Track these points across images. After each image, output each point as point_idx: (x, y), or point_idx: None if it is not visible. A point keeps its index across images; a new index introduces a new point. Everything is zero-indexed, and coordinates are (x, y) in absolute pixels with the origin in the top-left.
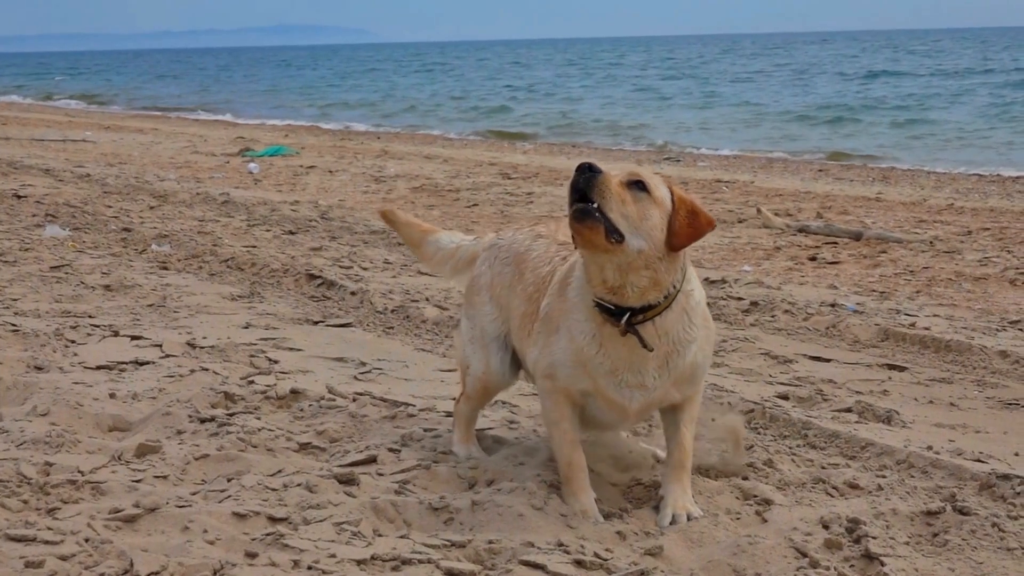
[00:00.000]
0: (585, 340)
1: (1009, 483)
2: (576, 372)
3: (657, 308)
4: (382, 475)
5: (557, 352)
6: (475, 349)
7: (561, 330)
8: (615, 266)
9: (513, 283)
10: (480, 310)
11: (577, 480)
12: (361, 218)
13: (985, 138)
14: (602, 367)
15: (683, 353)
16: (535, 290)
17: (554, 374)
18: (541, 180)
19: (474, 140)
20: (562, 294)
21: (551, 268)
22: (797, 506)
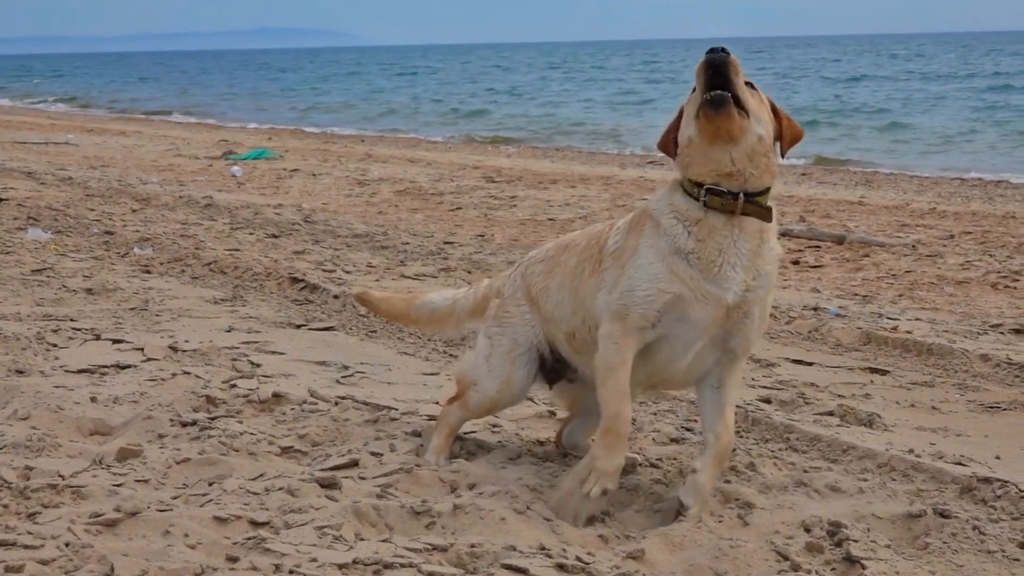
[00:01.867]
0: (680, 236)
1: (990, 486)
2: (662, 284)
3: (761, 199)
4: (364, 479)
5: (636, 274)
6: (493, 366)
7: (641, 249)
8: (740, 151)
9: (556, 258)
10: (512, 321)
11: (618, 434)
12: (344, 221)
13: (969, 142)
14: (698, 260)
15: (767, 257)
16: (585, 246)
17: (627, 307)
18: (525, 184)
19: (458, 143)
20: (637, 223)
21: (600, 231)
22: (779, 509)
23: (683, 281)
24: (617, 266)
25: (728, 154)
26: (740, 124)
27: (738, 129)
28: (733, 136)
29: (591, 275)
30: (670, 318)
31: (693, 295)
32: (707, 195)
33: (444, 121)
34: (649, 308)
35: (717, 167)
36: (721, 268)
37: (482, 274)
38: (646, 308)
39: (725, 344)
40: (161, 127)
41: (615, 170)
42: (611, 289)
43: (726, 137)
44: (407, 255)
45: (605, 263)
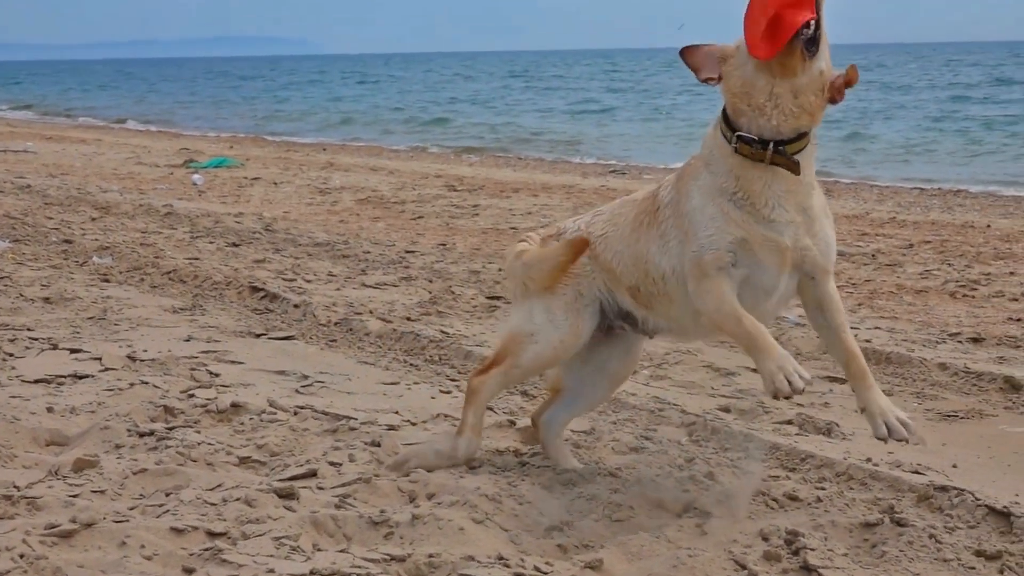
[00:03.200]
0: (721, 176)
1: (947, 495)
2: (719, 223)
3: (801, 142)
4: (322, 489)
5: (696, 220)
6: (555, 317)
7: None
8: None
9: (619, 213)
10: (574, 272)
11: (768, 343)
12: (305, 230)
13: (929, 152)
14: (743, 202)
15: (811, 195)
16: (643, 198)
17: (699, 254)
18: (487, 192)
19: (420, 152)
20: (686, 168)
21: (653, 188)
22: (736, 518)
23: (738, 224)
24: (676, 216)
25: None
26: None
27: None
28: (796, 64)
29: (649, 226)
30: (745, 260)
31: (754, 239)
32: (737, 141)
33: (406, 130)
34: (719, 247)
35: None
36: (766, 209)
37: (443, 283)
38: (717, 247)
39: (803, 272)
40: (121, 135)
41: (577, 179)
42: (678, 245)
43: (791, 62)
44: (368, 264)
45: (662, 213)
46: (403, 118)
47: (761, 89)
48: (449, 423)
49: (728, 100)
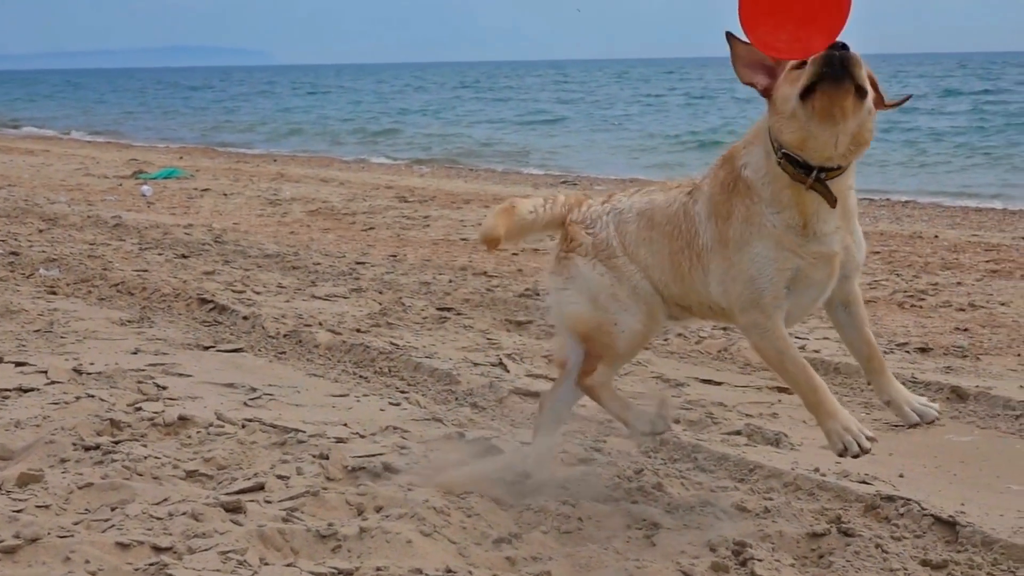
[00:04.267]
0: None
1: (893, 504)
2: (779, 263)
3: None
4: (270, 502)
5: (752, 262)
6: (626, 304)
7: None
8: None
9: (648, 235)
10: (624, 271)
11: (830, 401)
12: (255, 241)
13: (880, 163)
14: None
15: (850, 195)
16: (672, 227)
17: (757, 296)
18: (438, 203)
19: (371, 163)
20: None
21: (679, 206)
22: (685, 529)
23: (793, 251)
24: (720, 244)
25: (833, 135)
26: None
27: (850, 105)
28: (847, 110)
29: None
30: (799, 284)
31: (808, 262)
32: (782, 158)
33: (356, 140)
34: (778, 289)
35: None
36: (819, 224)
37: (394, 294)
38: (775, 290)
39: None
40: (70, 146)
41: (528, 190)
42: (731, 281)
43: (840, 112)
44: (318, 275)
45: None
46: (353, 129)
47: (818, 133)
48: (398, 435)
49: (777, 122)
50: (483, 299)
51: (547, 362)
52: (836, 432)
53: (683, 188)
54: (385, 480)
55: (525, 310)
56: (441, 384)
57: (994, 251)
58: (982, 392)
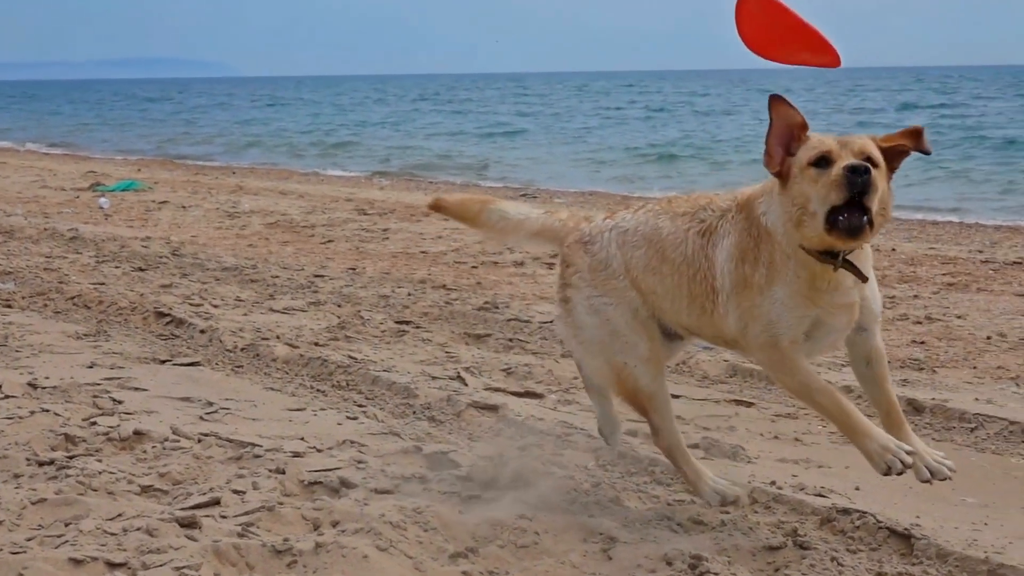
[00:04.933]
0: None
1: (849, 517)
2: (799, 311)
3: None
4: (225, 517)
5: (773, 310)
6: (628, 339)
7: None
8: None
9: (658, 267)
10: (621, 295)
11: (862, 422)
12: (213, 254)
13: None
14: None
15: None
16: (689, 267)
17: (776, 338)
18: (397, 216)
19: (330, 176)
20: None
21: (697, 245)
22: (642, 543)
23: (813, 301)
24: (744, 287)
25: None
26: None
27: (866, 240)
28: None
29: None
30: (817, 331)
31: (827, 311)
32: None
33: (315, 153)
34: (796, 334)
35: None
36: (836, 278)
37: (352, 307)
38: (793, 335)
39: (857, 324)
40: (27, 158)
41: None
42: (750, 322)
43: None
44: (277, 288)
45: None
46: (312, 141)
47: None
48: (355, 450)
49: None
50: (442, 312)
51: (506, 375)
52: (876, 452)
53: (691, 220)
54: (341, 495)
55: (484, 323)
56: (399, 398)
57: (951, 264)
58: (938, 405)
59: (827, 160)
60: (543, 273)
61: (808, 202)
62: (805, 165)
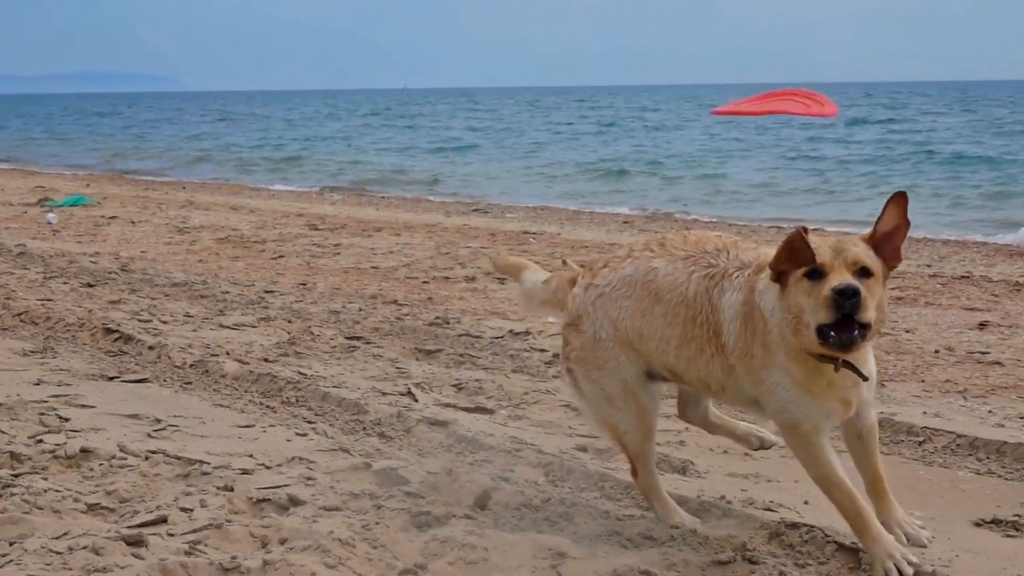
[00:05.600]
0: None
1: (797, 531)
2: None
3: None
4: (172, 535)
5: (789, 400)
6: (620, 407)
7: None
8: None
9: (649, 309)
10: (610, 367)
11: (875, 526)
12: (163, 270)
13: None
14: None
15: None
16: (687, 309)
17: (798, 425)
18: (349, 231)
19: (281, 191)
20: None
21: (700, 288)
22: (592, 558)
23: (824, 397)
24: (748, 357)
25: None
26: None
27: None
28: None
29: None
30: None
31: (835, 403)
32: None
33: (266, 167)
34: (816, 422)
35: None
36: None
37: (303, 323)
38: (813, 422)
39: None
40: None
41: (440, 218)
42: (762, 390)
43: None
44: (227, 304)
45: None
46: (263, 156)
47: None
48: (304, 466)
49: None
50: (393, 328)
51: (457, 390)
52: (880, 557)
53: (695, 264)
54: (290, 512)
55: (435, 339)
56: (349, 414)
57: (899, 278)
58: (886, 419)
59: (820, 273)
60: (494, 288)
61: (802, 312)
62: (799, 275)
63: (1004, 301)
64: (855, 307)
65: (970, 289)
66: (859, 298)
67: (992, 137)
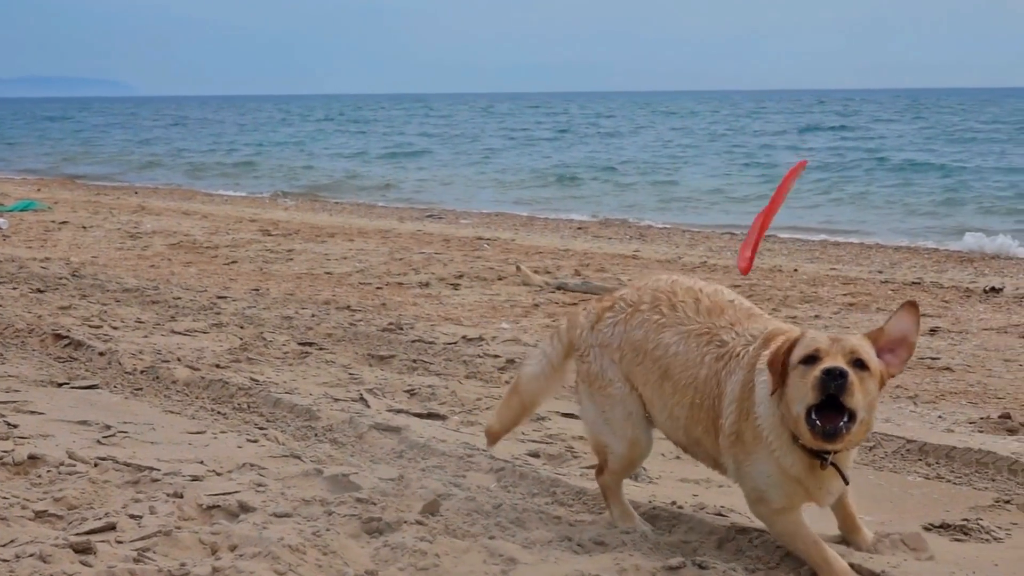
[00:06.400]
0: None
1: (747, 536)
2: (789, 488)
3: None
4: (121, 543)
5: (762, 479)
6: (616, 429)
7: (759, 454)
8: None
9: (658, 384)
10: (617, 396)
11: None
12: (114, 275)
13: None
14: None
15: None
16: (695, 393)
17: (771, 504)
18: (302, 237)
19: (235, 196)
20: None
21: (711, 372)
22: (542, 564)
23: (804, 484)
24: (742, 453)
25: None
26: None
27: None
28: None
29: (706, 418)
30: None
31: (814, 484)
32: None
33: (218, 172)
34: (782, 501)
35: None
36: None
37: (255, 329)
38: (781, 502)
39: None
40: None
41: (394, 223)
42: (744, 474)
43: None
44: (178, 310)
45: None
46: (216, 161)
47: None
48: (255, 473)
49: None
50: (346, 333)
51: (409, 396)
52: None
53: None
54: (240, 519)
55: (388, 344)
56: (301, 420)
57: (851, 284)
58: None
59: (815, 358)
60: (448, 294)
61: (793, 401)
62: (796, 363)
63: (954, 307)
64: (840, 389)
65: (921, 295)
66: (846, 380)
67: (943, 144)
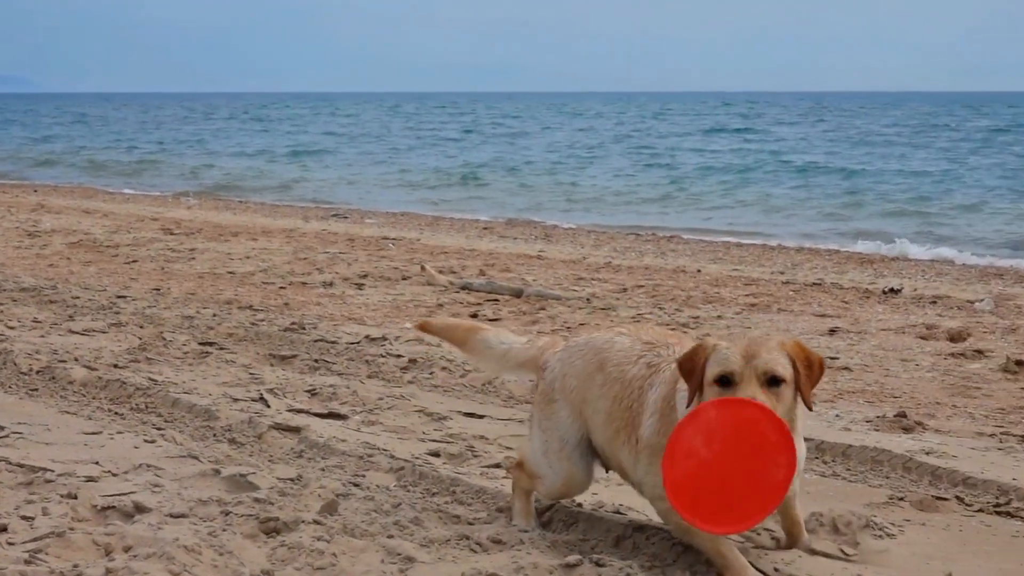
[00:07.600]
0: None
1: (644, 534)
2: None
3: None
4: (12, 544)
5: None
6: (551, 461)
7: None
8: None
9: (592, 374)
10: (556, 420)
11: (739, 563)
12: (11, 275)
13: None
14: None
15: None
16: (621, 388)
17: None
18: (204, 236)
19: (136, 195)
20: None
21: (639, 374)
22: (440, 563)
23: None
24: (652, 453)
25: None
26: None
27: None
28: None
29: (616, 430)
30: None
31: None
32: None
33: (119, 171)
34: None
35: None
36: None
37: (155, 328)
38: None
39: None
40: None
41: (298, 223)
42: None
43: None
44: (77, 309)
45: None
46: (116, 159)
47: None
48: (152, 473)
49: None
50: (247, 333)
51: (310, 396)
52: None
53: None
54: (136, 519)
55: (290, 344)
56: (199, 420)
57: (753, 285)
58: None
59: (729, 381)
60: (352, 294)
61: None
62: (711, 381)
63: (854, 308)
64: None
65: (821, 296)
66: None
67: (845, 147)
